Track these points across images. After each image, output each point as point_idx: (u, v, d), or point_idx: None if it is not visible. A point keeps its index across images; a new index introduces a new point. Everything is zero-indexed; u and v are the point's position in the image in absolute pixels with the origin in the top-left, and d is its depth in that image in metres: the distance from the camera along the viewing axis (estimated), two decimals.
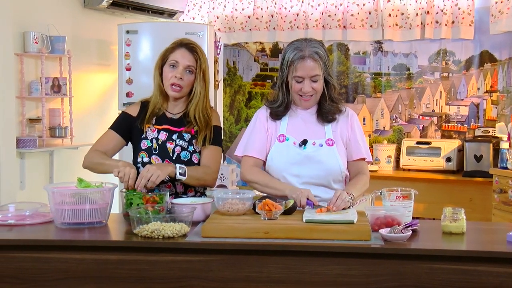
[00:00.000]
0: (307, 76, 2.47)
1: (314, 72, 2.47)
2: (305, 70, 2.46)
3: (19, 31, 4.33)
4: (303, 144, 2.51)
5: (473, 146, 4.71)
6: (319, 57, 2.47)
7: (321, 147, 2.51)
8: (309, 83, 2.48)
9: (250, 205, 2.33)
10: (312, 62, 2.46)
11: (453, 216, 2.18)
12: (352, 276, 2.01)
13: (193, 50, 2.64)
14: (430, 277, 1.96)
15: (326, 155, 2.51)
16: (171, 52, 2.64)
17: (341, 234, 2.07)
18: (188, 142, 2.64)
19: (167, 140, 2.64)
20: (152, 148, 2.64)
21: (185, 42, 2.67)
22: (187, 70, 2.62)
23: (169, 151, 2.62)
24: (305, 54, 2.46)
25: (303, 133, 2.54)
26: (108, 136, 2.69)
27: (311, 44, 2.49)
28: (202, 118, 2.63)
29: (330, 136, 2.54)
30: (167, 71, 2.63)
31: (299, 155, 2.51)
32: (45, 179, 4.65)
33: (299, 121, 2.58)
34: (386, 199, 2.35)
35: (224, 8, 5.82)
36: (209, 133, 2.63)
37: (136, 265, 2.09)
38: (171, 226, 2.13)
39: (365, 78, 5.49)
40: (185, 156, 2.62)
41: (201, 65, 2.63)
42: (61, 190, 2.31)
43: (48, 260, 2.11)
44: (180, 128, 2.65)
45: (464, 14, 4.96)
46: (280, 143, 2.55)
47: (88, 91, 5.09)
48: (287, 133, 2.56)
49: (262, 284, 2.05)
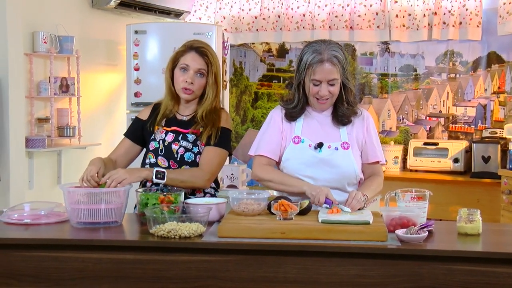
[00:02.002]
0: (324, 80, 2.44)
1: (332, 76, 2.44)
2: (323, 74, 2.43)
3: (28, 31, 4.34)
4: (319, 147, 2.50)
5: (481, 147, 4.71)
6: (337, 61, 2.44)
7: (336, 151, 2.50)
8: (327, 87, 2.45)
9: (265, 205, 2.33)
10: (331, 66, 2.43)
11: (468, 217, 2.17)
12: (369, 276, 2.01)
13: (204, 53, 2.63)
14: (447, 278, 1.96)
15: (341, 159, 2.49)
16: (181, 55, 2.64)
17: (358, 234, 2.07)
18: (192, 143, 2.62)
19: (173, 141, 2.63)
20: (158, 150, 2.64)
21: (195, 45, 2.65)
22: (198, 73, 2.61)
23: (174, 152, 2.62)
24: (324, 58, 2.42)
25: (319, 136, 2.53)
26: (120, 143, 2.74)
27: (330, 48, 2.45)
28: (210, 117, 2.62)
29: (345, 139, 2.53)
30: (178, 74, 2.62)
31: (314, 158, 2.50)
32: (53, 179, 4.66)
33: (314, 123, 2.57)
34: (400, 200, 2.36)
35: (231, 9, 5.82)
36: (214, 133, 2.60)
37: (152, 265, 2.10)
38: (188, 226, 2.14)
39: (372, 79, 5.49)
40: (189, 157, 2.61)
41: (212, 68, 2.63)
42: (77, 190, 2.32)
43: (65, 259, 2.11)
44: (187, 129, 2.65)
45: (471, 15, 4.96)
46: (295, 145, 2.53)
47: (96, 91, 5.10)
48: (302, 135, 2.54)
49: (279, 284, 2.05)
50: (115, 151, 2.72)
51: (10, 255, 2.13)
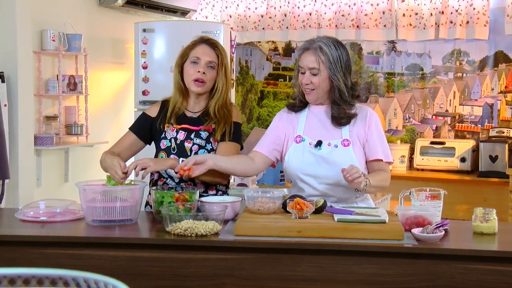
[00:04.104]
0: (306, 68, 2.48)
1: (312, 65, 2.46)
2: (305, 61, 2.48)
3: (37, 29, 4.34)
4: (318, 145, 2.50)
5: (488, 146, 4.72)
6: (321, 52, 2.45)
7: (336, 148, 2.50)
8: (309, 76, 2.48)
9: (280, 203, 2.34)
10: (313, 55, 2.46)
11: (484, 216, 2.18)
12: (385, 275, 2.02)
13: (214, 45, 2.64)
14: (464, 277, 1.96)
15: (341, 156, 2.48)
16: (191, 49, 2.64)
17: (374, 233, 2.08)
18: (205, 140, 2.62)
19: (185, 139, 2.63)
20: (171, 148, 2.63)
21: (205, 38, 2.66)
22: (208, 66, 2.61)
23: (187, 150, 2.61)
24: (309, 46, 2.48)
25: (320, 134, 2.53)
26: (125, 136, 2.71)
27: (322, 40, 2.48)
28: (222, 113, 2.62)
29: (346, 136, 2.51)
30: (189, 67, 2.61)
31: (314, 155, 2.50)
32: (60, 177, 4.67)
33: (316, 121, 2.57)
34: (415, 199, 2.36)
35: (237, 7, 5.83)
36: (228, 129, 2.61)
37: (169, 262, 2.10)
38: (204, 224, 2.14)
39: (378, 78, 5.49)
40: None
41: (223, 60, 2.63)
42: (92, 188, 2.32)
43: (82, 257, 2.12)
44: (198, 127, 2.64)
45: (479, 15, 4.96)
46: (297, 144, 2.54)
47: (103, 89, 5.10)
48: (303, 134, 2.55)
49: (295, 283, 2.06)
50: (119, 145, 2.68)
51: (27, 252, 2.14)
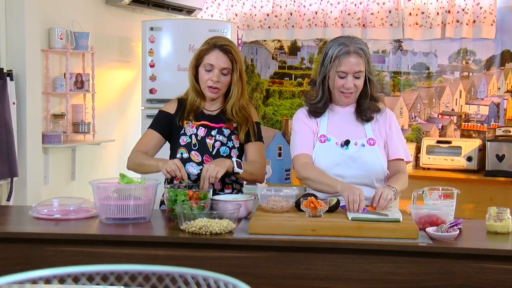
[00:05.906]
0: (350, 72, 2.46)
1: (358, 68, 2.46)
2: (349, 65, 2.46)
3: (45, 27, 4.34)
4: (346, 144, 2.51)
5: (495, 145, 4.72)
6: (363, 53, 2.48)
7: (363, 147, 2.51)
8: (352, 79, 2.47)
9: (294, 202, 2.35)
10: (357, 57, 2.46)
11: (498, 215, 2.19)
12: (401, 274, 2.02)
13: (228, 51, 2.62)
14: (480, 276, 1.97)
15: (369, 155, 2.50)
16: (205, 54, 2.63)
17: (389, 232, 2.08)
18: (227, 137, 2.65)
19: (206, 135, 2.65)
20: (191, 144, 2.64)
21: (219, 43, 2.64)
22: (222, 72, 2.62)
23: (209, 146, 2.63)
24: (350, 50, 2.46)
25: (344, 133, 2.54)
26: (148, 135, 2.70)
27: (356, 41, 2.49)
28: (240, 114, 2.65)
29: (370, 135, 2.54)
30: (203, 73, 2.63)
31: (342, 155, 2.50)
32: (68, 175, 4.67)
33: (339, 120, 2.58)
34: (427, 198, 2.37)
35: (243, 6, 5.82)
36: (251, 128, 2.66)
37: (184, 260, 2.11)
38: (218, 222, 2.15)
39: (384, 76, 5.49)
40: (224, 151, 2.63)
41: (237, 65, 2.63)
42: (106, 186, 2.33)
43: (97, 254, 2.13)
44: (218, 124, 2.67)
45: (485, 14, 4.96)
46: (322, 143, 2.54)
47: (110, 88, 5.10)
48: (327, 134, 2.55)
49: (310, 281, 2.07)
50: (145, 144, 2.67)
51: (43, 249, 2.14)
